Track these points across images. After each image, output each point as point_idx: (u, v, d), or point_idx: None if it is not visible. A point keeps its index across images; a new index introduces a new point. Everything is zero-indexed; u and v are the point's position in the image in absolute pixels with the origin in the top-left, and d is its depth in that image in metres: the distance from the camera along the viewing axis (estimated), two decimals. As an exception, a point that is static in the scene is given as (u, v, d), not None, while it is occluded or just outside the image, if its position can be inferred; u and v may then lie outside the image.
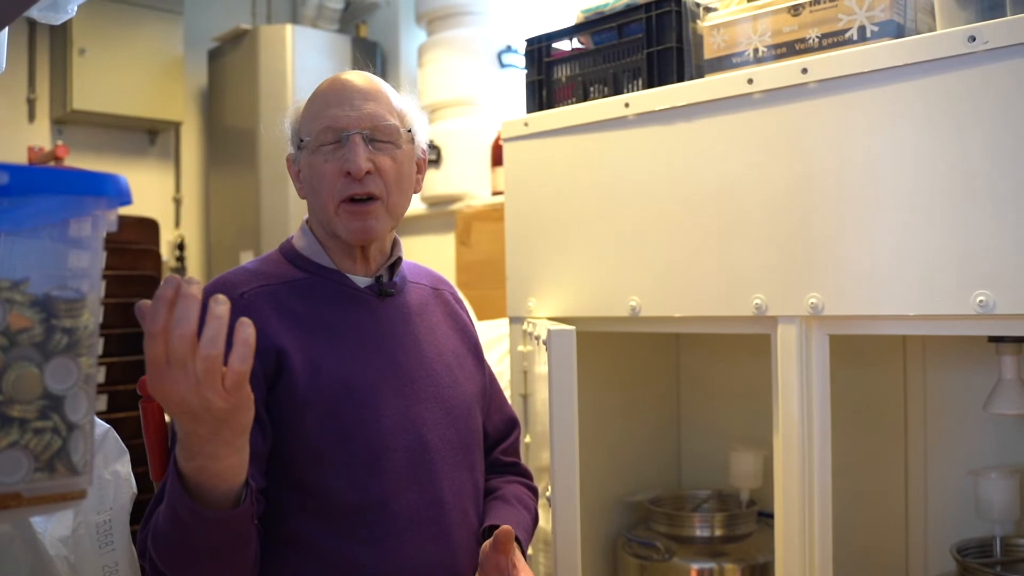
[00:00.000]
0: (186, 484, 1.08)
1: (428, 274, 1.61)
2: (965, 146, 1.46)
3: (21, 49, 4.04)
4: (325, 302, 1.40)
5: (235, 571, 1.19)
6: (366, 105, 1.39)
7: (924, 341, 2.08)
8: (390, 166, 1.39)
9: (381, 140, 1.39)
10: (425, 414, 1.40)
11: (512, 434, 1.63)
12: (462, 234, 3.42)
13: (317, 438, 1.31)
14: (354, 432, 1.32)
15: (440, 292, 1.58)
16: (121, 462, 1.52)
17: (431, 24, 3.89)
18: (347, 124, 1.37)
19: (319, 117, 1.39)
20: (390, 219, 1.42)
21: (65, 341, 0.70)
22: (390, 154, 1.39)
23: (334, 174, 1.37)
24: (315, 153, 1.39)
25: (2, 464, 0.66)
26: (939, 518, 2.06)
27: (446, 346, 1.50)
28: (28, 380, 0.68)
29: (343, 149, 1.37)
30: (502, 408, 1.63)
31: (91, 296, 0.73)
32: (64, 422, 0.70)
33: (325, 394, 1.32)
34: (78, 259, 0.73)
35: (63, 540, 1.43)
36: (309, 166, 1.41)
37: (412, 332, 1.46)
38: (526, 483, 1.58)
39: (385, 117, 1.40)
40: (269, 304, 1.35)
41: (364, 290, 1.43)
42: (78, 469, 0.71)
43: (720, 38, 1.82)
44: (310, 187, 1.42)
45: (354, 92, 1.40)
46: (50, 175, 0.69)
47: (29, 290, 0.69)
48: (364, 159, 1.36)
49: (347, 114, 1.38)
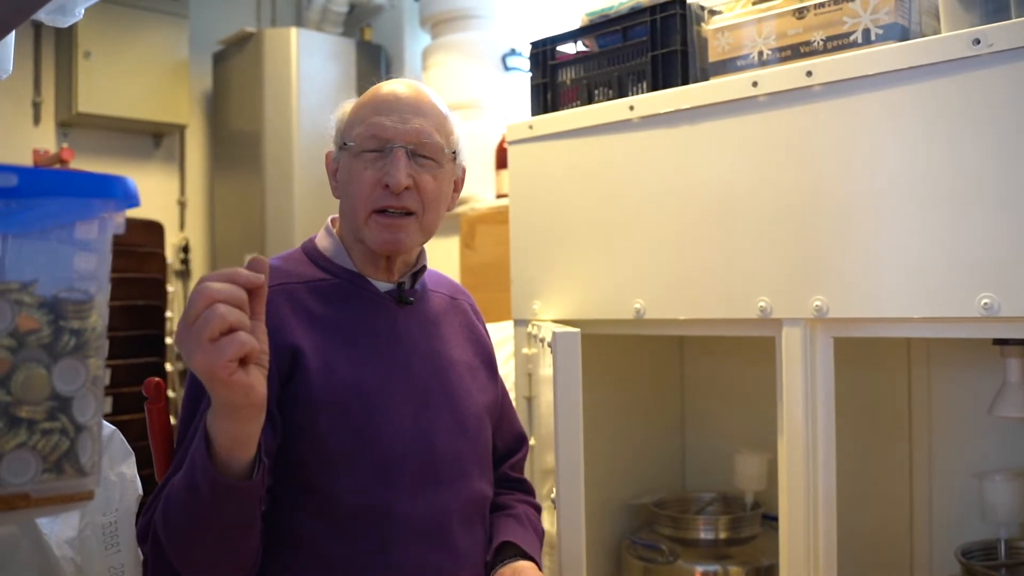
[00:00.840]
0: (212, 448, 1.08)
1: (448, 283, 1.61)
2: (970, 149, 1.46)
3: (27, 52, 4.05)
4: (344, 305, 1.40)
5: (239, 554, 1.19)
6: (414, 119, 1.38)
7: (929, 344, 2.08)
8: (430, 184, 1.38)
9: (424, 156, 1.38)
10: (436, 422, 1.39)
11: (521, 450, 1.63)
12: (466, 237, 3.42)
13: (326, 440, 1.31)
14: (364, 437, 1.32)
15: (458, 302, 1.58)
16: (127, 464, 1.53)
17: (435, 27, 3.90)
18: (393, 136, 1.37)
19: (365, 123, 1.38)
20: (421, 235, 1.41)
21: (73, 343, 0.70)
22: (431, 172, 1.39)
23: (372, 183, 1.36)
24: (356, 158, 1.38)
25: (10, 465, 0.67)
26: (944, 521, 2.06)
27: (461, 357, 1.50)
28: (36, 381, 0.68)
29: (385, 160, 1.36)
30: (512, 423, 1.63)
31: (99, 298, 0.73)
32: (72, 423, 0.70)
33: (337, 397, 1.32)
34: (86, 261, 0.73)
35: (69, 542, 1.43)
36: (348, 169, 1.40)
37: (428, 340, 1.46)
38: (532, 502, 1.59)
39: (431, 134, 1.39)
40: (288, 303, 1.35)
41: (384, 296, 1.43)
42: (86, 470, 0.71)
43: (725, 41, 1.82)
44: (345, 190, 1.41)
45: (404, 104, 1.39)
46: (58, 177, 0.70)
47: (37, 292, 0.69)
48: (405, 174, 1.35)
49: (394, 125, 1.37)
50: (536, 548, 1.46)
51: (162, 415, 1.37)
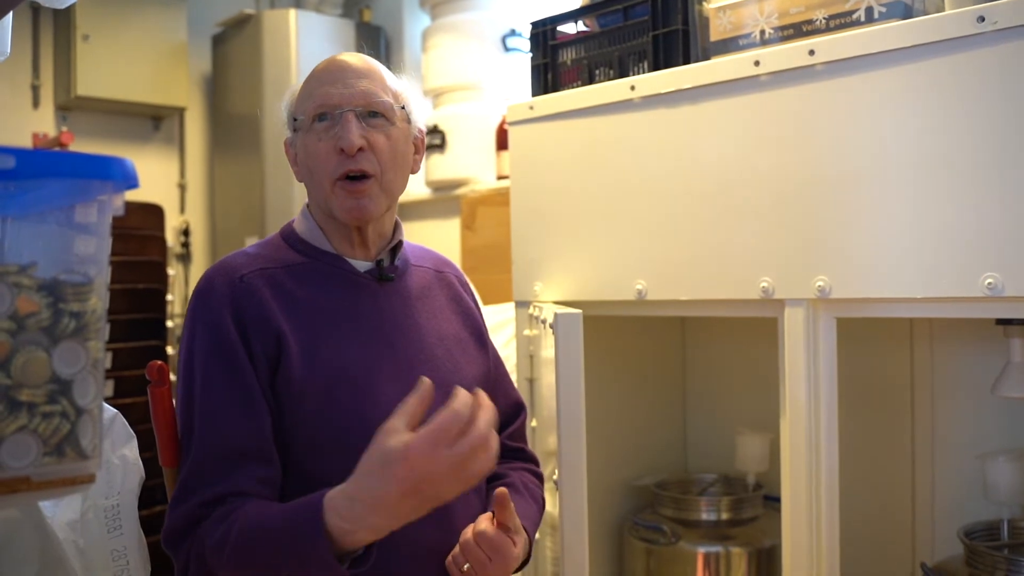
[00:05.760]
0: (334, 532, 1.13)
1: (432, 257, 1.60)
2: (973, 128, 1.45)
3: (25, 35, 4.03)
4: (323, 287, 1.39)
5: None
6: (359, 83, 1.38)
7: (932, 324, 2.07)
8: (384, 143, 1.38)
9: (374, 115, 1.38)
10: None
11: (518, 418, 1.62)
12: (467, 219, 3.42)
13: (314, 424, 1.31)
14: (350, 419, 1.31)
15: (444, 275, 1.57)
16: (129, 447, 1.53)
17: (435, 8, 3.88)
18: (340, 101, 1.37)
19: (312, 96, 1.39)
20: (385, 198, 1.40)
21: (73, 325, 0.70)
22: (384, 131, 1.38)
23: (328, 152, 1.36)
24: (309, 132, 1.39)
25: (11, 448, 0.67)
26: (946, 501, 2.06)
27: (448, 330, 1.49)
28: (36, 364, 0.68)
29: (336, 127, 1.36)
30: (508, 392, 1.62)
31: (98, 280, 0.73)
32: (73, 406, 0.70)
33: (321, 380, 1.32)
34: (85, 244, 0.73)
35: (71, 524, 1.44)
36: (304, 146, 1.40)
37: (412, 317, 1.45)
38: (532, 469, 1.57)
39: (378, 94, 1.39)
40: (269, 287, 1.35)
41: (363, 275, 1.43)
42: (87, 453, 0.71)
43: (726, 20, 1.81)
44: (306, 168, 1.41)
45: (347, 70, 1.40)
46: (56, 158, 0.69)
47: (37, 274, 0.69)
48: (357, 135, 1.35)
49: (340, 91, 1.37)
50: (531, 516, 1.45)
51: (165, 399, 1.37)
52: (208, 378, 1.30)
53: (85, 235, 0.72)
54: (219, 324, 1.32)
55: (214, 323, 1.32)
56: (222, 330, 1.31)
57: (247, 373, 1.30)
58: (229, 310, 1.32)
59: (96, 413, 0.72)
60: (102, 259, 0.73)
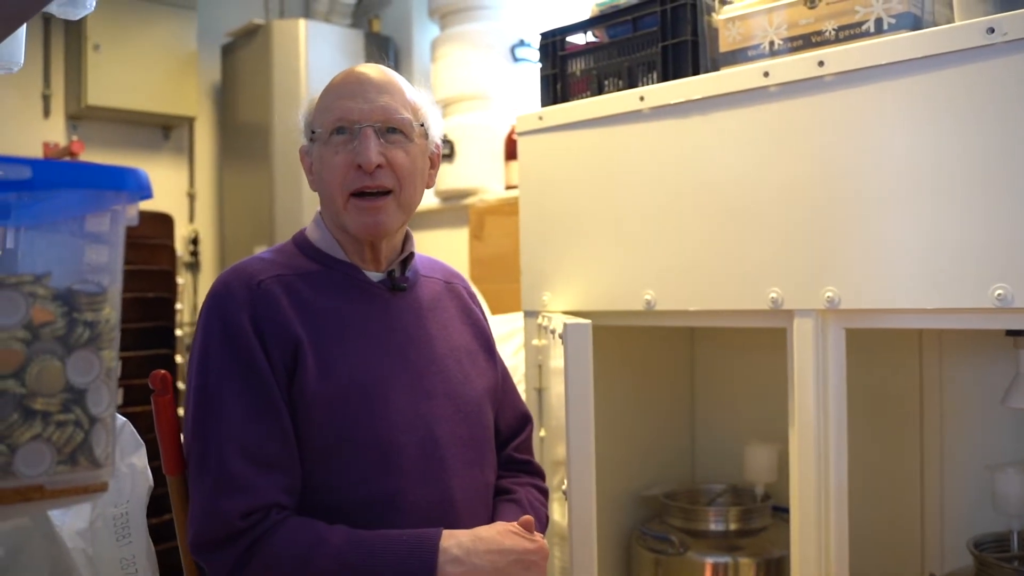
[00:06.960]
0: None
1: (441, 268, 1.60)
2: (983, 139, 1.45)
3: (36, 45, 4.05)
4: (337, 295, 1.40)
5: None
6: (379, 98, 1.38)
7: (941, 335, 2.07)
8: (403, 160, 1.38)
9: (393, 132, 1.38)
10: (436, 410, 1.39)
11: (525, 430, 1.62)
12: (475, 228, 3.42)
13: (326, 433, 1.31)
14: (363, 428, 1.32)
15: (453, 286, 1.58)
16: (138, 455, 1.53)
17: (444, 18, 3.89)
18: (359, 116, 1.37)
19: (331, 109, 1.39)
20: (401, 214, 1.41)
21: (87, 335, 0.70)
22: (403, 147, 1.39)
23: (344, 166, 1.37)
24: (326, 145, 1.39)
25: (25, 457, 0.67)
26: (956, 512, 2.05)
27: (458, 341, 1.50)
28: (51, 373, 0.68)
29: (354, 142, 1.37)
30: (515, 404, 1.62)
31: (112, 290, 0.73)
32: (86, 415, 0.70)
33: (334, 389, 1.32)
34: (98, 253, 0.73)
35: (81, 533, 1.44)
36: (320, 158, 1.40)
37: (423, 327, 1.45)
38: (538, 485, 1.58)
39: (398, 110, 1.39)
40: (286, 294, 1.35)
41: (376, 284, 1.43)
42: (100, 462, 0.72)
43: (735, 31, 1.81)
44: (320, 179, 1.41)
45: (368, 84, 1.40)
46: (72, 169, 0.70)
47: (51, 284, 0.69)
48: (376, 152, 1.35)
49: (360, 106, 1.37)
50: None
51: (169, 408, 1.37)
52: (226, 379, 1.30)
53: (99, 245, 0.73)
54: (238, 326, 1.31)
55: (232, 325, 1.32)
56: (241, 333, 1.31)
57: (267, 378, 1.30)
58: (247, 313, 1.32)
59: (109, 422, 0.73)
60: (115, 269, 0.74)
